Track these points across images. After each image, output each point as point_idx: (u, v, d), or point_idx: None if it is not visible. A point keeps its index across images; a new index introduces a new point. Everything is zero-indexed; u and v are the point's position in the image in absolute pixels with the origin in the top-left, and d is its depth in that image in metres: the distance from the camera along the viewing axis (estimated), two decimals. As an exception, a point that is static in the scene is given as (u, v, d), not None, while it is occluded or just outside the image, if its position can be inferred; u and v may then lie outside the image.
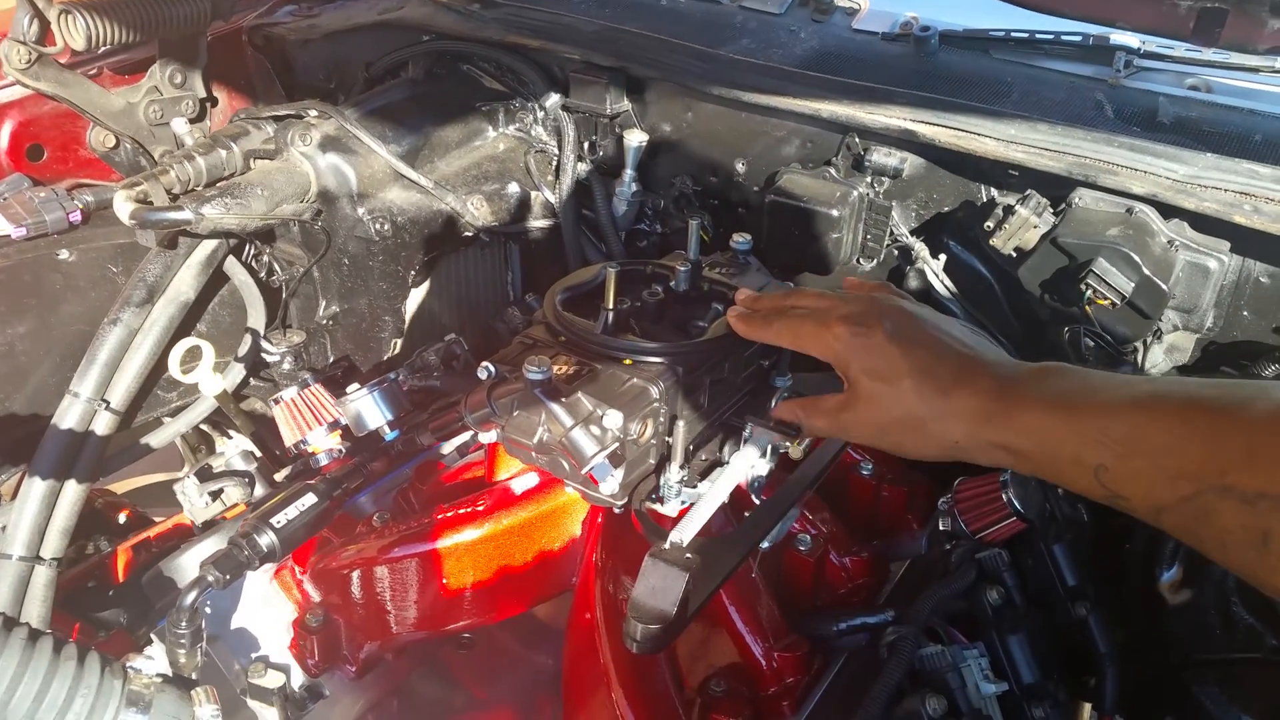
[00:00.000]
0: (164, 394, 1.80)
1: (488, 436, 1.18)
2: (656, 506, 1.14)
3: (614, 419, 1.06)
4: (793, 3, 1.96)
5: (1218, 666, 1.39)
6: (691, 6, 1.99)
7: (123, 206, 1.52)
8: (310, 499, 1.13)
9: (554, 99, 1.82)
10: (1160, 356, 1.48)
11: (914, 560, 1.39)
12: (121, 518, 2.01)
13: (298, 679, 1.27)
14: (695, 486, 1.15)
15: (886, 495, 1.46)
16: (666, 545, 1.00)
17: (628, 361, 1.13)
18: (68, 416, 1.58)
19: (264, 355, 1.77)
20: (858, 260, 1.67)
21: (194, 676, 1.09)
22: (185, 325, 1.70)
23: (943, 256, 1.62)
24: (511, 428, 1.10)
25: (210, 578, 1.05)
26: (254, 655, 1.25)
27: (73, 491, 1.60)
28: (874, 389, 0.96)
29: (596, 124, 1.82)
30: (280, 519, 1.10)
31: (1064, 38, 1.72)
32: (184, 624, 1.05)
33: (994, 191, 1.56)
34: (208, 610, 1.23)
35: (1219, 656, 1.38)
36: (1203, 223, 1.41)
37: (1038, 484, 1.32)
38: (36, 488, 1.55)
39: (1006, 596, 1.26)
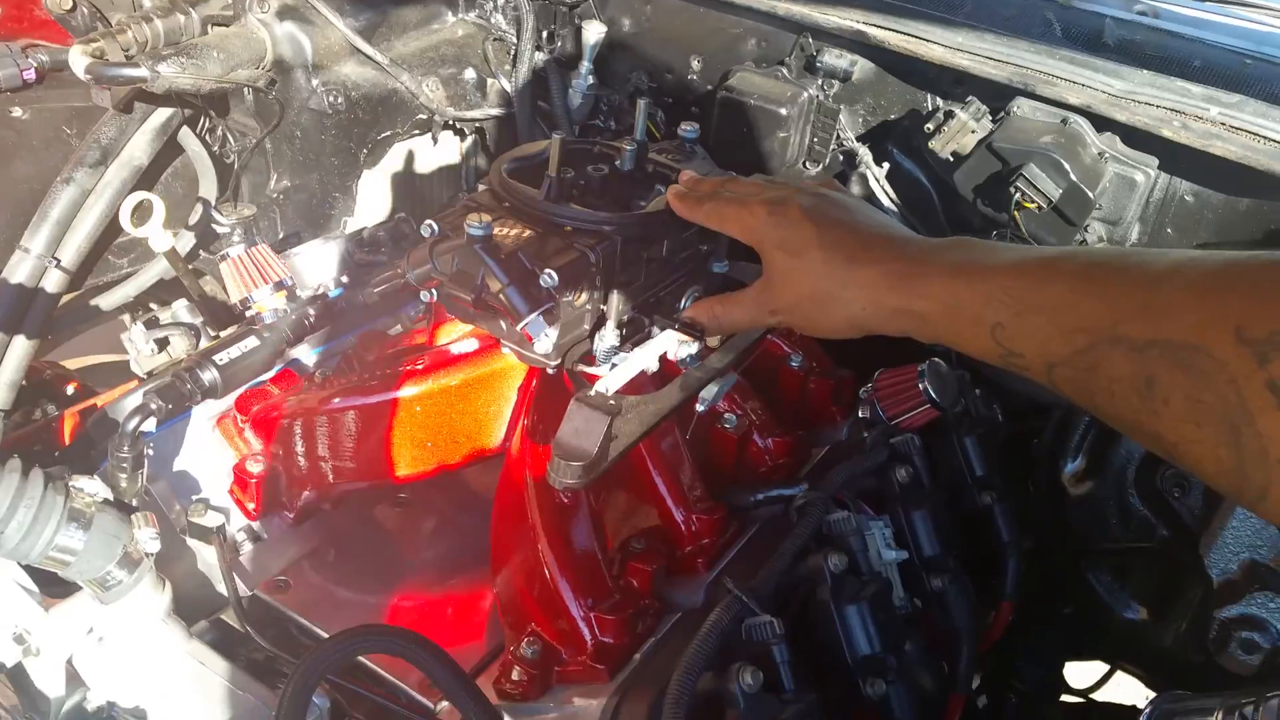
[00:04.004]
0: (115, 260, 1.81)
1: (428, 295, 1.22)
2: (588, 368, 1.19)
3: (550, 278, 1.10)
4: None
5: (1112, 556, 1.48)
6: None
7: (78, 61, 1.52)
8: (253, 342, 1.17)
9: (512, -16, 1.83)
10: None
11: (834, 445, 1.46)
12: (70, 389, 2.04)
13: (237, 522, 1.31)
14: (628, 352, 1.20)
15: (813, 387, 1.52)
16: (592, 393, 1.05)
17: (568, 229, 1.18)
18: (17, 271, 1.59)
19: (214, 227, 1.78)
20: (804, 164, 1.71)
21: (134, 504, 1.14)
22: (137, 191, 1.71)
23: (886, 164, 1.66)
24: (451, 283, 1.14)
25: (153, 405, 1.09)
26: (195, 497, 1.30)
27: (21, 346, 1.62)
28: (786, 264, 1.00)
29: (556, 14, 1.84)
30: (223, 357, 1.14)
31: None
32: (125, 449, 1.09)
33: (939, 101, 1.60)
34: (150, 453, 1.26)
35: (1114, 546, 1.47)
36: (1134, 138, 1.47)
37: (954, 377, 1.39)
38: (-17, 343, 1.57)
39: (914, 476, 1.33)
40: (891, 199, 1.65)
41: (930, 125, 1.50)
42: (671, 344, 1.17)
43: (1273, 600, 1.15)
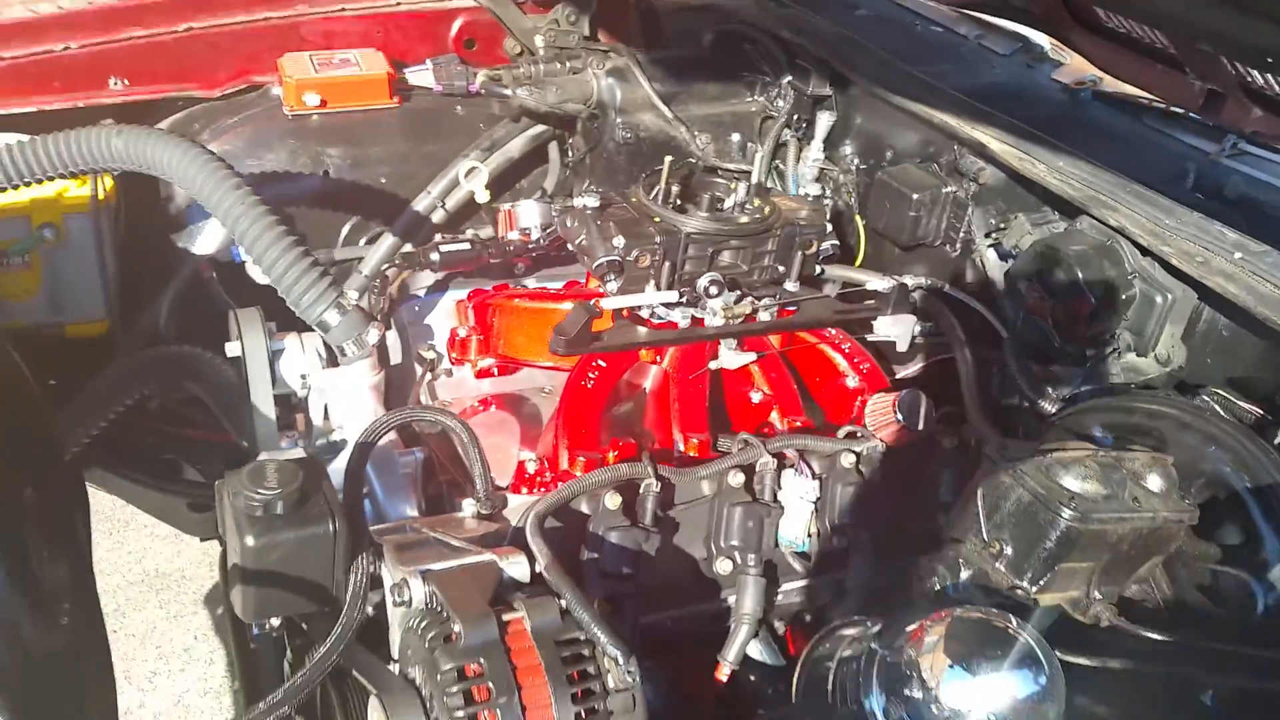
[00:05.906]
0: (485, 216, 2.71)
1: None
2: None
3: (619, 241, 1.73)
4: (1019, 48, 2.36)
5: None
6: (936, 35, 2.46)
7: (478, 80, 2.43)
8: (464, 246, 1.94)
9: (788, 78, 2.42)
10: (1118, 370, 1.76)
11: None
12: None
13: (445, 364, 2.08)
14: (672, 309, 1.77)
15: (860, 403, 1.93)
16: (590, 303, 1.65)
17: (656, 219, 1.78)
18: (419, 203, 2.53)
19: (546, 206, 2.60)
20: (939, 243, 2.10)
21: (376, 316, 1.94)
22: (507, 174, 2.59)
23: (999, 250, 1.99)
24: (570, 231, 1.81)
25: (397, 261, 1.89)
26: (429, 341, 2.08)
27: (393, 242, 2.55)
28: None
29: (806, 101, 2.39)
30: (445, 248, 1.92)
31: (1192, 115, 1.97)
32: (376, 283, 1.90)
33: (1047, 209, 1.91)
34: (416, 308, 2.08)
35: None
36: (1171, 268, 1.68)
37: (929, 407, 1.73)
38: (387, 240, 2.51)
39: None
40: (991, 281, 1.97)
41: (1000, 222, 1.84)
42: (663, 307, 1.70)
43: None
